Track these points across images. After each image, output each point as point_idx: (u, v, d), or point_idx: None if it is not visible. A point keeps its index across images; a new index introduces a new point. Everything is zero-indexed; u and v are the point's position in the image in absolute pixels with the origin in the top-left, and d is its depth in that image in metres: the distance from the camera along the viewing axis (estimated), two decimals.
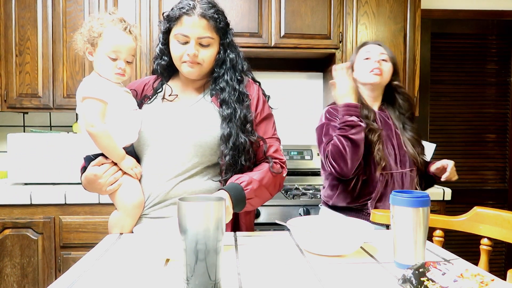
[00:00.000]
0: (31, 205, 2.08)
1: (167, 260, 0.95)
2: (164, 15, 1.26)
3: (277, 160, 1.28)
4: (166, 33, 1.26)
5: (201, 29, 1.20)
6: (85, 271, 0.88)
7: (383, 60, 1.68)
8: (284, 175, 1.29)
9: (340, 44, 2.45)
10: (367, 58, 1.69)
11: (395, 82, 1.74)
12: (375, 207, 1.60)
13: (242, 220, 1.29)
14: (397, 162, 1.65)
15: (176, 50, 1.23)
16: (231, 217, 1.15)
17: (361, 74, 1.70)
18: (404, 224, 0.89)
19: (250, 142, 1.22)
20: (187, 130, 1.22)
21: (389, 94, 1.76)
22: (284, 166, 1.30)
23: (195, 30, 1.20)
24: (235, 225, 1.27)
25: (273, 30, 2.40)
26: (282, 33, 2.40)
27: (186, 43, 1.21)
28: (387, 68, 1.69)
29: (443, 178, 1.66)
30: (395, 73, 1.73)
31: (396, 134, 1.69)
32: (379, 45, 1.72)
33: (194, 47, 1.20)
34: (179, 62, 1.24)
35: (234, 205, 1.15)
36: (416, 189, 1.68)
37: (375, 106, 1.73)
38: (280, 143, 1.33)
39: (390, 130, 1.69)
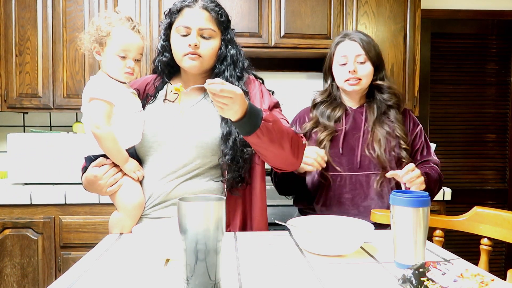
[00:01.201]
0: (31, 205, 2.08)
1: (167, 260, 0.95)
2: (165, 12, 1.26)
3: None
4: (168, 29, 1.26)
5: (203, 20, 1.20)
6: (85, 271, 0.88)
7: (360, 63, 1.51)
8: (304, 142, 1.23)
9: None
10: (343, 64, 1.53)
11: (377, 82, 1.56)
12: (321, 211, 1.51)
13: (256, 219, 1.27)
14: (356, 164, 1.50)
15: (177, 43, 1.22)
16: (235, 108, 0.99)
17: (338, 81, 1.57)
18: (404, 224, 0.89)
19: None
20: (188, 132, 1.22)
21: (372, 91, 1.59)
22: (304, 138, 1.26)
23: (196, 21, 1.19)
24: (244, 226, 1.27)
25: (273, 30, 2.40)
26: (282, 33, 2.40)
27: (188, 35, 1.20)
28: (365, 72, 1.52)
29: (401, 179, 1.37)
30: (378, 70, 1.55)
31: (365, 133, 1.53)
32: (354, 40, 1.53)
33: (195, 38, 1.19)
34: (180, 56, 1.22)
35: (248, 116, 1.02)
36: (387, 193, 1.47)
37: (355, 103, 1.60)
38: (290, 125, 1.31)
39: (358, 129, 1.54)
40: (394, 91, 1.58)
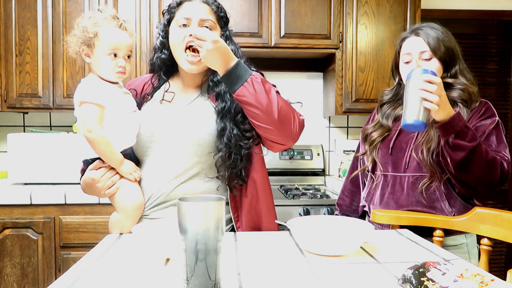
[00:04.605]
0: (31, 205, 2.08)
1: (167, 260, 0.95)
2: (163, 10, 1.26)
3: None
4: (167, 25, 1.25)
5: (204, 11, 1.20)
6: (85, 271, 0.88)
7: (425, 60, 1.40)
8: (301, 117, 1.22)
9: (340, 44, 2.46)
10: (407, 62, 1.43)
11: (447, 80, 1.40)
12: (369, 209, 1.51)
13: (264, 221, 1.27)
14: (403, 165, 1.42)
15: (176, 35, 1.20)
16: (217, 47, 1.07)
17: (405, 80, 1.45)
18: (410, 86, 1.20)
19: (244, 135, 1.20)
20: (184, 130, 1.21)
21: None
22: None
23: (197, 12, 1.19)
24: (253, 225, 1.26)
25: (273, 30, 2.40)
26: (282, 33, 2.41)
27: (187, 25, 1.19)
28: (432, 69, 1.34)
29: None
30: (448, 66, 1.42)
31: (420, 133, 1.41)
32: (419, 35, 1.43)
33: (196, 28, 1.17)
34: (179, 51, 1.20)
35: (235, 67, 1.10)
36: (432, 199, 1.37)
37: None
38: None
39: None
40: (465, 88, 1.40)
